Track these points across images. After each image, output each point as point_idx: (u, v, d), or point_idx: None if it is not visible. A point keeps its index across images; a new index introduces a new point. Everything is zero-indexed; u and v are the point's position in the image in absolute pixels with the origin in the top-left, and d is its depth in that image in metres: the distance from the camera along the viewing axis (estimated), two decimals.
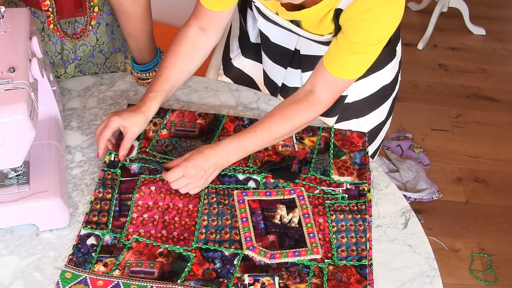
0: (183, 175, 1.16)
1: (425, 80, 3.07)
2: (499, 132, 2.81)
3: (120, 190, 1.20)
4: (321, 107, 1.24)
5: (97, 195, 1.19)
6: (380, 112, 1.49)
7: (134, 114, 1.22)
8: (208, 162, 1.18)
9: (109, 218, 1.16)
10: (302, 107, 1.23)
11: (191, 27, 1.30)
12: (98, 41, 1.45)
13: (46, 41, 1.39)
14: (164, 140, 1.30)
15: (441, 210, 2.43)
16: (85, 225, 1.14)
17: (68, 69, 1.45)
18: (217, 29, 1.31)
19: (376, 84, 1.44)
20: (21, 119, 0.99)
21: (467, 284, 2.18)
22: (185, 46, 1.29)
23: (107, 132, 1.21)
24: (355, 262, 1.11)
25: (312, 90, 1.22)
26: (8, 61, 1.04)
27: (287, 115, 1.23)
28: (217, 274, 1.08)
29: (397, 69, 1.47)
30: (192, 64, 1.31)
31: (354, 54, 1.16)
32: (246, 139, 1.21)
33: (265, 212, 1.19)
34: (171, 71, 1.27)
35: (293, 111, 1.23)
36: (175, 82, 1.28)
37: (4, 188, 1.10)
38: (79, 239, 1.12)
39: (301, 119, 1.24)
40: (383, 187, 1.27)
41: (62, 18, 1.34)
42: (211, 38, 1.32)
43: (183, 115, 1.35)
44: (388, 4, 1.09)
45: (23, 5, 1.34)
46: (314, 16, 1.19)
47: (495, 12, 3.60)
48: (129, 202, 1.18)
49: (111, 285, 1.05)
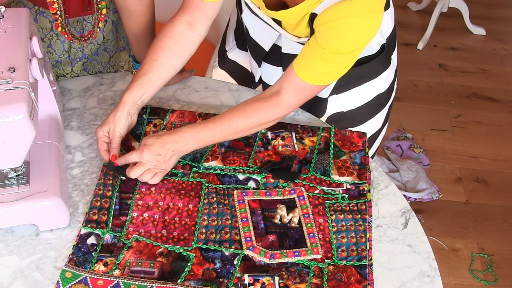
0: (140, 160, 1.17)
1: (425, 80, 3.07)
2: (499, 132, 2.81)
3: (121, 189, 1.20)
4: (285, 109, 1.23)
5: (97, 192, 1.19)
6: (376, 121, 1.48)
7: (112, 112, 1.24)
8: (165, 148, 1.18)
9: (109, 216, 1.16)
10: (264, 106, 1.23)
11: (179, 21, 1.29)
12: (104, 39, 1.45)
13: (55, 40, 1.39)
14: None
15: (441, 210, 2.43)
16: (85, 224, 1.14)
17: (75, 68, 1.46)
18: (206, 22, 1.30)
19: (371, 93, 1.43)
20: (21, 119, 0.99)
21: (467, 284, 2.18)
22: (168, 41, 1.28)
23: (100, 146, 1.23)
24: (355, 262, 1.11)
25: (279, 92, 1.22)
26: (8, 61, 1.04)
27: (248, 112, 1.23)
28: (217, 274, 1.08)
29: (392, 77, 1.46)
30: (177, 59, 1.30)
31: (323, 60, 1.15)
32: (205, 129, 1.22)
33: (265, 212, 1.19)
34: (150, 65, 1.26)
35: (255, 108, 1.23)
36: (154, 76, 1.27)
37: (4, 188, 1.10)
38: (79, 239, 1.12)
39: (262, 117, 1.23)
40: (383, 187, 1.27)
41: (70, 17, 1.35)
42: (199, 33, 1.31)
43: (183, 116, 1.35)
44: (363, 16, 1.08)
45: (31, 5, 1.34)
46: (291, 18, 1.19)
47: (495, 12, 3.60)
48: (129, 201, 1.18)
49: (111, 284, 1.05)
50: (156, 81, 1.28)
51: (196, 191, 1.21)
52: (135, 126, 1.31)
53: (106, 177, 1.21)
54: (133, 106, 1.25)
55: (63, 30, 1.31)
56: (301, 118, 1.40)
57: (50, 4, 1.26)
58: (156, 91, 1.29)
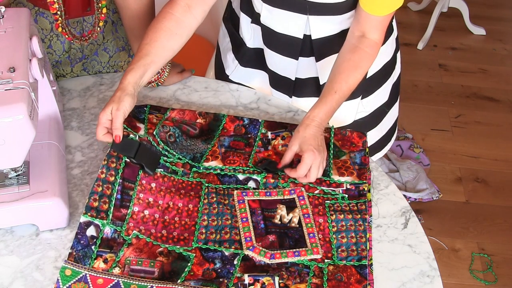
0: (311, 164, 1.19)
1: (425, 80, 3.07)
2: (499, 132, 2.81)
3: (124, 174, 1.18)
4: (378, 47, 1.27)
5: (100, 176, 1.17)
6: (383, 91, 1.50)
7: (116, 92, 1.19)
8: (317, 138, 1.22)
9: (110, 206, 1.14)
10: (365, 53, 1.26)
11: (178, 2, 1.27)
12: (104, 39, 1.45)
13: (55, 41, 1.39)
14: (169, 128, 1.29)
15: (441, 210, 2.43)
16: (85, 211, 1.13)
17: (75, 68, 1.46)
18: (204, 7, 1.29)
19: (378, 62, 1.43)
20: (21, 119, 0.99)
21: (467, 284, 2.19)
22: (169, 23, 1.26)
23: (99, 131, 1.17)
24: (355, 262, 1.11)
25: (364, 36, 1.25)
26: (8, 61, 1.04)
27: (355, 65, 1.25)
28: (217, 274, 1.08)
29: (395, 46, 1.48)
30: (176, 42, 1.28)
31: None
32: (331, 101, 1.24)
33: (265, 212, 1.19)
34: (151, 46, 1.24)
35: (359, 59, 1.25)
36: (155, 57, 1.25)
37: (4, 188, 1.10)
38: (79, 227, 1.11)
39: (367, 64, 1.27)
40: (383, 187, 1.27)
41: (70, 17, 1.35)
42: (196, 17, 1.29)
43: (184, 113, 1.35)
44: None
45: (31, 6, 1.34)
46: None
47: (495, 12, 3.60)
48: (131, 192, 1.17)
49: (111, 284, 1.05)
50: (156, 63, 1.26)
51: (196, 191, 1.21)
52: (138, 114, 1.30)
53: (109, 159, 1.19)
54: (136, 86, 1.22)
55: (64, 30, 1.31)
56: (301, 118, 1.40)
57: (51, 4, 1.26)
58: (155, 72, 1.27)
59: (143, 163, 1.20)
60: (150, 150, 1.23)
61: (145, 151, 1.22)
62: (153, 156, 1.23)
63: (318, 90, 1.44)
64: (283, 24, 1.35)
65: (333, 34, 1.34)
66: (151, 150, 1.23)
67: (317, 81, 1.43)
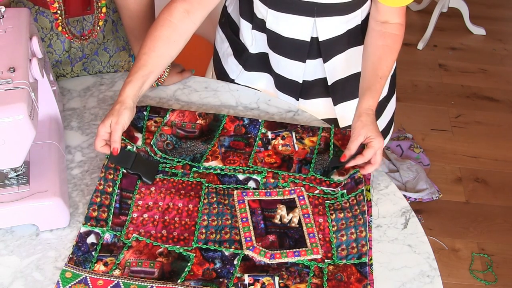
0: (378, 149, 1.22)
1: (425, 80, 3.07)
2: (499, 132, 2.81)
3: (121, 184, 1.20)
4: (403, 27, 1.30)
5: (98, 187, 1.18)
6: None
7: (115, 105, 1.20)
8: (376, 125, 1.24)
9: (109, 214, 1.16)
10: (395, 36, 1.29)
11: (176, 8, 1.27)
12: (104, 38, 1.45)
13: (55, 40, 1.39)
14: (166, 136, 1.29)
15: (441, 210, 2.43)
16: (85, 221, 1.13)
17: (75, 68, 1.46)
18: (203, 13, 1.29)
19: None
20: (21, 119, 0.99)
21: (467, 284, 2.18)
22: (166, 31, 1.26)
23: (97, 143, 1.19)
24: (355, 261, 1.11)
25: (387, 22, 1.28)
26: (8, 61, 1.04)
27: (390, 48, 1.29)
28: (217, 274, 1.08)
29: None
30: (173, 49, 1.28)
31: None
32: (380, 88, 1.28)
33: (265, 212, 1.19)
34: (149, 56, 1.24)
35: (392, 42, 1.29)
36: (153, 67, 1.25)
37: (4, 188, 1.10)
38: (79, 238, 1.11)
39: (399, 45, 1.30)
40: (383, 187, 1.27)
41: (70, 17, 1.35)
42: (195, 22, 1.29)
43: (183, 115, 1.35)
44: None
45: (31, 5, 1.34)
46: None
47: (495, 12, 3.60)
48: (129, 201, 1.18)
49: (111, 284, 1.05)
50: (154, 72, 1.26)
51: (196, 191, 1.21)
52: (136, 121, 1.30)
53: (107, 171, 1.21)
54: (135, 98, 1.22)
55: (64, 30, 1.31)
56: (301, 118, 1.40)
57: (51, 4, 1.26)
58: (154, 80, 1.27)
59: (140, 173, 1.21)
60: (148, 160, 1.24)
61: (142, 161, 1.23)
62: (151, 165, 1.24)
63: (326, 91, 1.44)
64: (290, 28, 1.34)
65: (340, 34, 1.34)
66: (149, 160, 1.24)
67: (325, 82, 1.42)
